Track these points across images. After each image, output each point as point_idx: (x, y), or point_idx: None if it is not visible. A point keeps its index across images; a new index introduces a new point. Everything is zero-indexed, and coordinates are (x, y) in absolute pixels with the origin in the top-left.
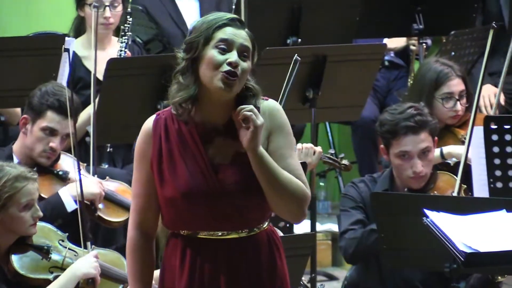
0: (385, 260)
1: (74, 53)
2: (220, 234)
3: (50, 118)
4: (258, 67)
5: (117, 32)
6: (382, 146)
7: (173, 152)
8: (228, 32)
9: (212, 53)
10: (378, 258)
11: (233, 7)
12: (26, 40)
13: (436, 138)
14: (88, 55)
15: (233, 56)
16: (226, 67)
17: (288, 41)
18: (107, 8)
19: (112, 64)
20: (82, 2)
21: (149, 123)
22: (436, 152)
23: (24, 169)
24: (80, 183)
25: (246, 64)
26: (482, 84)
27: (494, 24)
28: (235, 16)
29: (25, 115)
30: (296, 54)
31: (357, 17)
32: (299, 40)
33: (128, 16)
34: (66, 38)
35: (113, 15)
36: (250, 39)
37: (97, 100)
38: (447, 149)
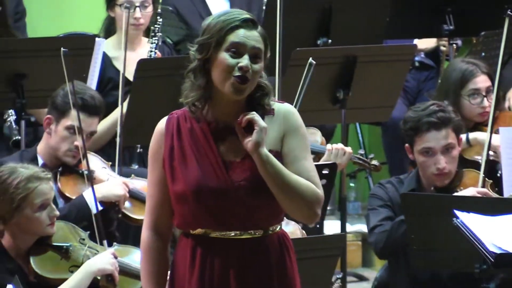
0: (415, 261)
1: (105, 54)
2: (233, 234)
3: (74, 117)
4: (288, 68)
5: (147, 33)
6: (407, 145)
7: (185, 149)
8: (240, 35)
9: (223, 56)
10: (407, 256)
11: (264, 7)
12: (56, 41)
13: (460, 136)
14: (118, 56)
15: (244, 60)
16: (237, 72)
17: (318, 41)
18: (137, 9)
19: (142, 65)
20: (113, 2)
21: (161, 123)
22: (462, 137)
23: (38, 169)
24: (90, 177)
25: (258, 66)
26: (500, 76)
27: (510, 12)
28: (247, 16)
29: (48, 115)
30: (311, 58)
31: (387, 17)
32: (329, 40)
33: (158, 17)
34: (97, 39)
35: (143, 16)
36: (262, 39)
37: (126, 100)
38: (473, 134)
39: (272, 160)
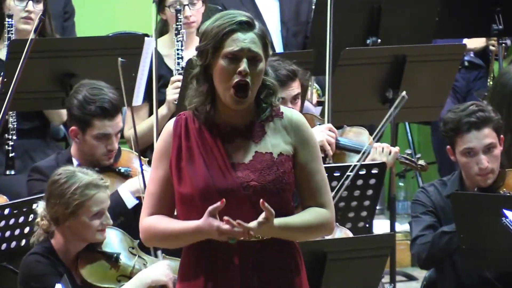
0: (465, 261)
1: (157, 52)
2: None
3: (99, 126)
4: (338, 67)
5: None
6: (448, 146)
7: (192, 150)
8: (236, 39)
9: (221, 63)
10: (453, 258)
11: (313, 7)
12: (105, 40)
13: (502, 136)
14: (170, 54)
15: (242, 64)
16: (236, 78)
17: (368, 41)
18: (186, 7)
19: (190, 64)
20: (162, 5)
21: (170, 123)
22: None
23: (96, 176)
24: (143, 177)
25: (258, 68)
26: None
27: None
28: (242, 18)
29: (73, 128)
30: (405, 92)
31: (437, 17)
32: (379, 40)
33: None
34: (146, 38)
35: (193, 13)
36: (259, 39)
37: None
38: None
39: (282, 228)
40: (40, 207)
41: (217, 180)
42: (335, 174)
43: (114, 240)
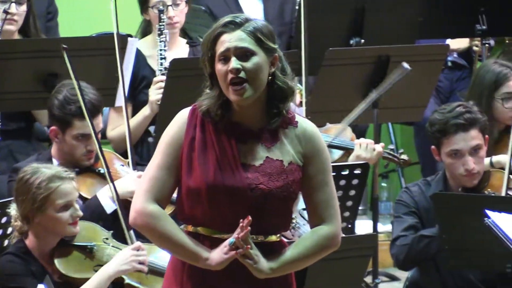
0: (448, 261)
1: (140, 52)
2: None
3: (78, 126)
4: (322, 68)
5: (185, 33)
6: (433, 147)
7: (207, 143)
8: (223, 41)
9: (218, 67)
10: (435, 259)
11: (297, 7)
12: (89, 40)
13: (487, 136)
14: (153, 55)
15: (231, 63)
16: (229, 76)
17: (351, 41)
18: (170, 8)
19: (174, 64)
20: (145, 5)
21: (185, 112)
22: (486, 161)
23: (60, 169)
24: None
25: (250, 62)
26: None
27: None
28: (228, 19)
29: (53, 127)
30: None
31: (420, 17)
32: (362, 40)
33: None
34: (129, 38)
35: (176, 14)
36: (249, 35)
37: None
38: (496, 158)
39: (279, 268)
40: (12, 209)
41: (226, 177)
42: None
43: (87, 232)
